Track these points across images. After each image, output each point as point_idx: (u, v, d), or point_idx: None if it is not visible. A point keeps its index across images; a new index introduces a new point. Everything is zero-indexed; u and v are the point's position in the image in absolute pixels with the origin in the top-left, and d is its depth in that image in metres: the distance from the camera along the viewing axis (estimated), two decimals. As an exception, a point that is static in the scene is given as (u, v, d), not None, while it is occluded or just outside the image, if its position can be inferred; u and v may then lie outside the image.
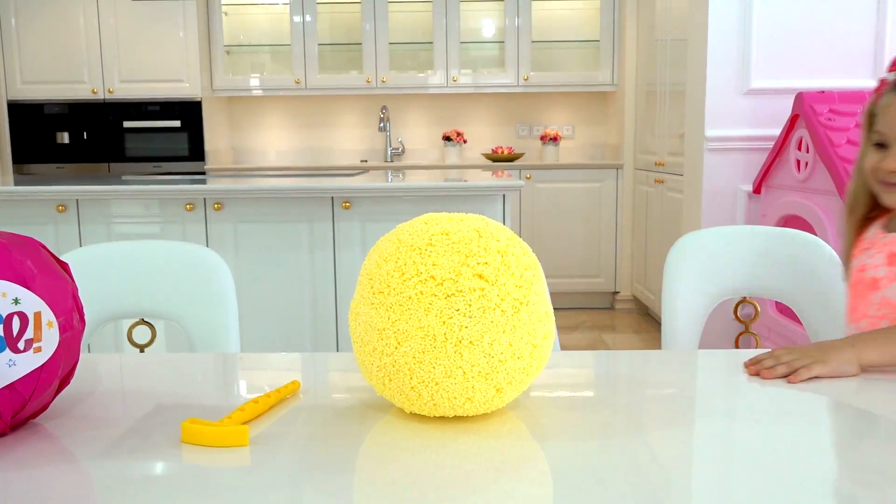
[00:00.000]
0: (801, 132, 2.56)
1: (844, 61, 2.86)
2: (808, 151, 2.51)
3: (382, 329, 0.70)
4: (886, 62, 2.82)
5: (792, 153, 2.61)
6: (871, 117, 1.15)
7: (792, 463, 0.65)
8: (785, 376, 0.85)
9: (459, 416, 0.73)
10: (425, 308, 0.68)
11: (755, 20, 2.84)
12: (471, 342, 0.68)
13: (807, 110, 2.49)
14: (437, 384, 0.69)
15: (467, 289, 0.68)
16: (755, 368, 0.87)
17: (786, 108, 2.70)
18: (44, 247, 0.72)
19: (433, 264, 0.69)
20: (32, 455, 0.67)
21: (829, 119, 2.45)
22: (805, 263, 1.29)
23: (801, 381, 0.84)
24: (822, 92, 2.55)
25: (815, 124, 2.44)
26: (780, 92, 2.84)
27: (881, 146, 1.11)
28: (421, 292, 0.68)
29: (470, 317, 0.68)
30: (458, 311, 0.68)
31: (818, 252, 1.29)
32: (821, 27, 2.85)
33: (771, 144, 2.79)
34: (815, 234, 2.35)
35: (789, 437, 0.71)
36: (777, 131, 2.76)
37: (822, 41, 2.85)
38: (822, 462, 0.66)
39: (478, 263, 0.69)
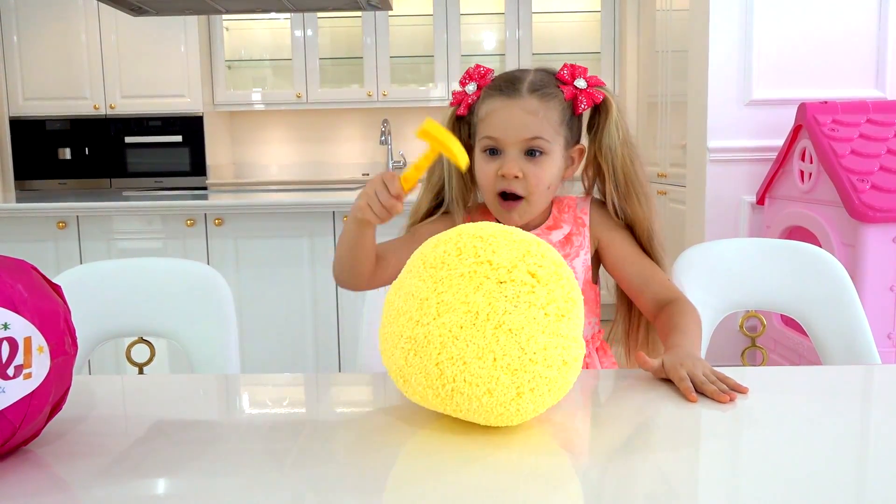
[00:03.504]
0: (804, 143, 2.55)
1: (846, 71, 2.85)
2: (811, 162, 2.50)
3: (425, 298, 0.71)
4: (890, 71, 2.82)
5: (795, 164, 2.60)
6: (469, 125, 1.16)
7: (806, 477, 0.63)
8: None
9: (474, 445, 0.70)
10: (475, 286, 0.69)
11: (756, 31, 2.83)
12: (510, 329, 0.68)
13: (810, 121, 2.48)
14: (464, 363, 0.69)
15: (519, 280, 0.70)
16: (723, 396, 0.81)
17: (788, 118, 2.69)
18: (35, 269, 0.71)
19: (493, 251, 0.71)
20: (23, 483, 0.65)
21: (833, 129, 2.44)
22: (811, 275, 1.27)
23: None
24: (825, 102, 2.54)
25: (819, 135, 2.43)
26: (782, 103, 2.83)
27: (493, 152, 1.09)
28: (475, 271, 0.70)
29: (516, 306, 0.69)
30: (506, 297, 0.69)
31: (824, 264, 1.27)
32: (822, 37, 2.84)
33: (774, 155, 2.78)
34: (820, 245, 2.34)
35: (809, 450, 0.69)
36: (780, 142, 2.75)
37: (824, 51, 2.84)
38: (834, 475, 0.64)
39: (534, 263, 0.71)
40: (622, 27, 4.33)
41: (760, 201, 2.85)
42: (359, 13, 4.36)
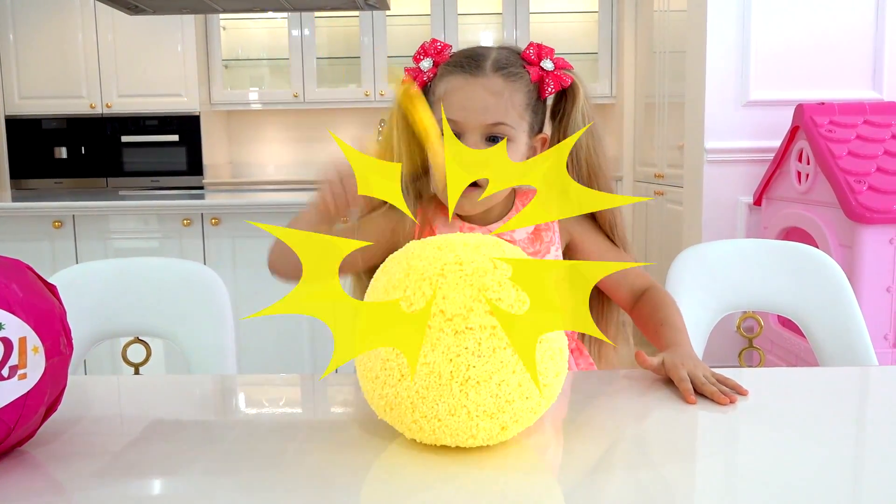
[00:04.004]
0: (801, 144, 2.55)
1: (843, 73, 2.86)
2: (808, 163, 2.50)
3: (386, 359, 0.66)
4: (887, 73, 2.82)
5: (793, 165, 2.60)
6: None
7: (802, 486, 0.63)
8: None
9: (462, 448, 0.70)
10: (432, 344, 0.64)
11: (753, 32, 2.84)
12: (478, 382, 0.64)
13: (807, 122, 2.48)
14: (439, 420, 0.66)
15: (478, 326, 0.64)
16: (723, 398, 0.81)
17: (785, 119, 2.69)
18: (31, 269, 0.70)
19: (443, 297, 0.64)
20: (18, 485, 0.65)
21: (830, 131, 2.44)
22: (808, 276, 1.27)
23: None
24: (823, 103, 2.54)
25: (816, 136, 2.43)
26: (779, 104, 2.83)
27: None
28: (428, 327, 0.64)
29: (479, 356, 0.63)
30: (466, 349, 0.63)
31: (821, 265, 1.27)
32: (819, 38, 2.84)
33: (771, 156, 2.78)
34: (817, 246, 2.34)
35: (804, 457, 0.69)
36: (777, 143, 2.75)
37: (821, 52, 2.85)
38: (832, 477, 0.64)
39: (493, 297, 0.64)
40: (620, 28, 4.33)
41: (757, 202, 2.85)
42: (356, 13, 4.36)
